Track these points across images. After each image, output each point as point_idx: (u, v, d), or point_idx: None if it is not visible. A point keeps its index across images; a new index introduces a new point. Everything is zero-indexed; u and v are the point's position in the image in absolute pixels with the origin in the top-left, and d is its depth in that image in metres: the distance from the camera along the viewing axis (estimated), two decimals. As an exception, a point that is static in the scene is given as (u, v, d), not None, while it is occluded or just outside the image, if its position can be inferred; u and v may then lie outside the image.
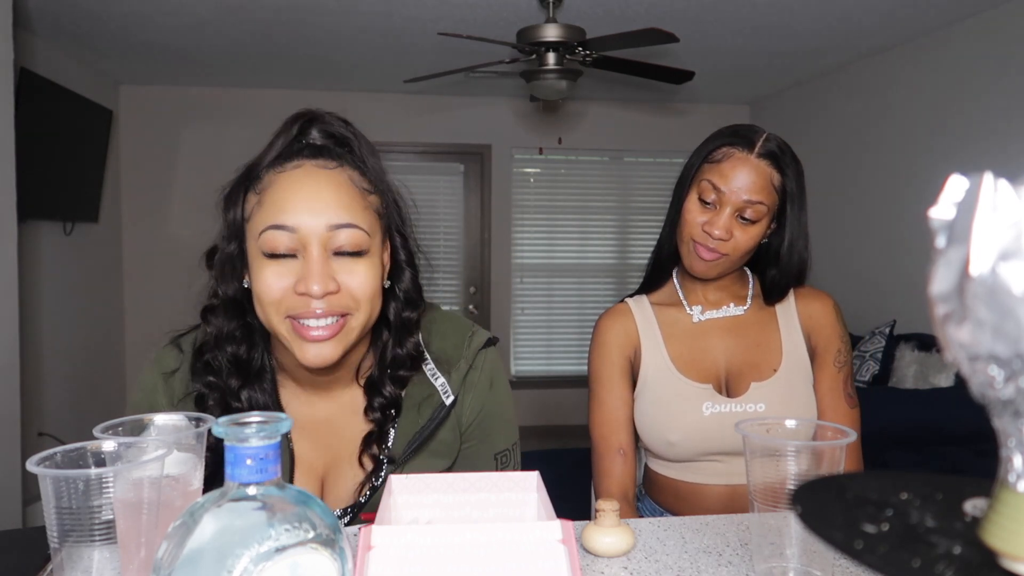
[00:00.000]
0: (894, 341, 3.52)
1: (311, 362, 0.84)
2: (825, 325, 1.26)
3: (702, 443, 1.21)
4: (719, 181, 1.17)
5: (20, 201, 2.76)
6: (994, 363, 0.35)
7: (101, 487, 0.58)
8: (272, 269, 0.83)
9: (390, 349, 0.94)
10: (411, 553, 0.57)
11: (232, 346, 0.90)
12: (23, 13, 3.26)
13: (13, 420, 2.75)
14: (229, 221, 0.89)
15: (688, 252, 1.22)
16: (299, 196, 0.83)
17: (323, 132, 0.90)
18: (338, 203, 0.83)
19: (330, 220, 0.82)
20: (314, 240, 0.82)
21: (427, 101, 5.06)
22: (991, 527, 0.38)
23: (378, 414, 0.93)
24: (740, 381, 1.24)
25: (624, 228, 5.50)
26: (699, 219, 1.19)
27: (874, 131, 4.12)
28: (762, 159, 1.17)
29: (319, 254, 0.82)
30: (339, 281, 0.83)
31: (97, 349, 4.46)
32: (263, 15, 3.40)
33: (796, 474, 0.69)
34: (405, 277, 0.94)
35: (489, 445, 1.02)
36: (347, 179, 0.86)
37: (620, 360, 1.28)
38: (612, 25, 3.41)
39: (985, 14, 3.33)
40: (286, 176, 0.85)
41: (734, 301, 1.29)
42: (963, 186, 0.36)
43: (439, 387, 0.96)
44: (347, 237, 0.83)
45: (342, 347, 0.85)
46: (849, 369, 1.26)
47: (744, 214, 1.17)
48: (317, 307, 0.82)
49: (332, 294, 0.82)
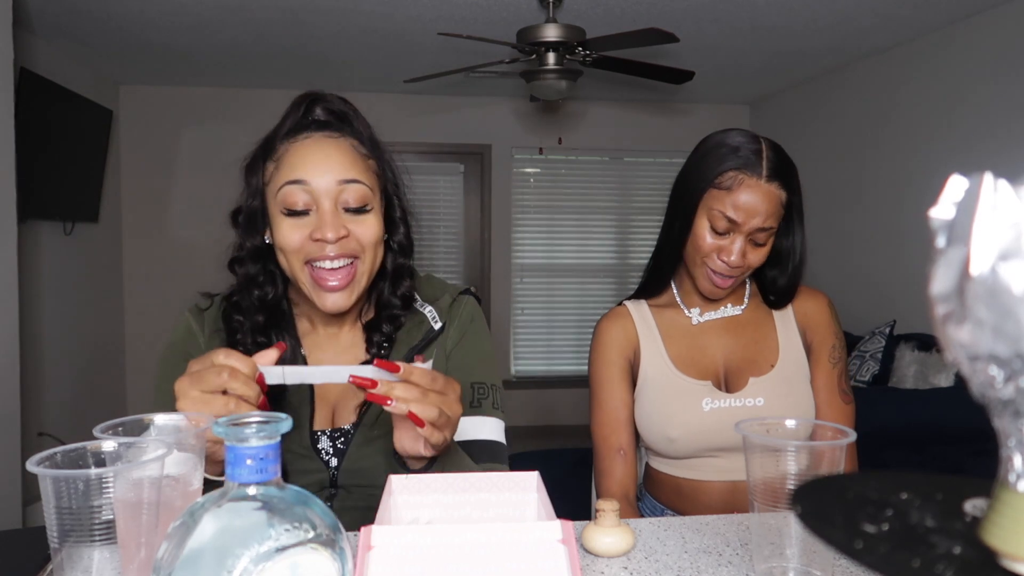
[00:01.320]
0: (894, 341, 3.52)
1: (329, 309, 0.98)
2: (820, 323, 1.28)
3: (702, 439, 1.22)
4: (733, 213, 1.16)
5: (20, 201, 2.76)
6: (994, 363, 0.35)
7: (101, 487, 0.58)
8: (290, 223, 0.97)
9: (386, 294, 1.08)
10: (411, 553, 0.57)
11: (257, 289, 1.05)
12: (23, 13, 3.26)
13: (13, 420, 2.75)
14: (251, 185, 1.03)
15: (703, 276, 1.23)
16: (311, 158, 0.97)
17: (326, 109, 1.03)
18: (344, 163, 0.98)
19: (338, 176, 0.96)
20: (325, 195, 0.96)
21: (427, 101, 5.06)
22: (991, 527, 0.38)
23: (376, 349, 1.07)
24: (739, 377, 1.25)
25: (624, 228, 5.50)
26: (711, 243, 1.19)
27: (874, 131, 4.12)
28: (771, 182, 1.16)
29: (330, 207, 0.96)
30: (347, 229, 0.97)
31: (97, 349, 4.46)
32: (263, 15, 3.40)
33: (796, 474, 0.69)
34: (400, 231, 1.08)
35: (467, 373, 1.07)
36: (350, 145, 1.00)
37: (620, 361, 1.29)
38: (612, 25, 3.41)
39: (985, 14, 3.33)
40: (299, 144, 0.99)
41: (731, 301, 1.30)
42: (963, 186, 0.36)
43: (428, 314, 1.10)
44: (353, 192, 0.97)
45: (354, 295, 1.00)
46: (844, 366, 1.27)
47: (757, 239, 1.19)
48: (331, 251, 0.96)
49: (343, 238, 0.96)
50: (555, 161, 5.42)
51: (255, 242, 1.03)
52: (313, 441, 1.03)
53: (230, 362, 0.77)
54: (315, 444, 1.03)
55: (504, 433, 1.08)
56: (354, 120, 1.04)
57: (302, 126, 1.01)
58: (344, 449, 1.03)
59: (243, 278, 1.05)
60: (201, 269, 4.98)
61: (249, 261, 1.05)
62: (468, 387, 1.07)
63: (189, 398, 0.76)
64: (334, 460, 1.03)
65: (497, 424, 1.07)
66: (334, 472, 1.03)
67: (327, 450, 1.03)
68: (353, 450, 1.02)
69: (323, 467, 1.02)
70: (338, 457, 1.03)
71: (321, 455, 1.03)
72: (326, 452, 1.03)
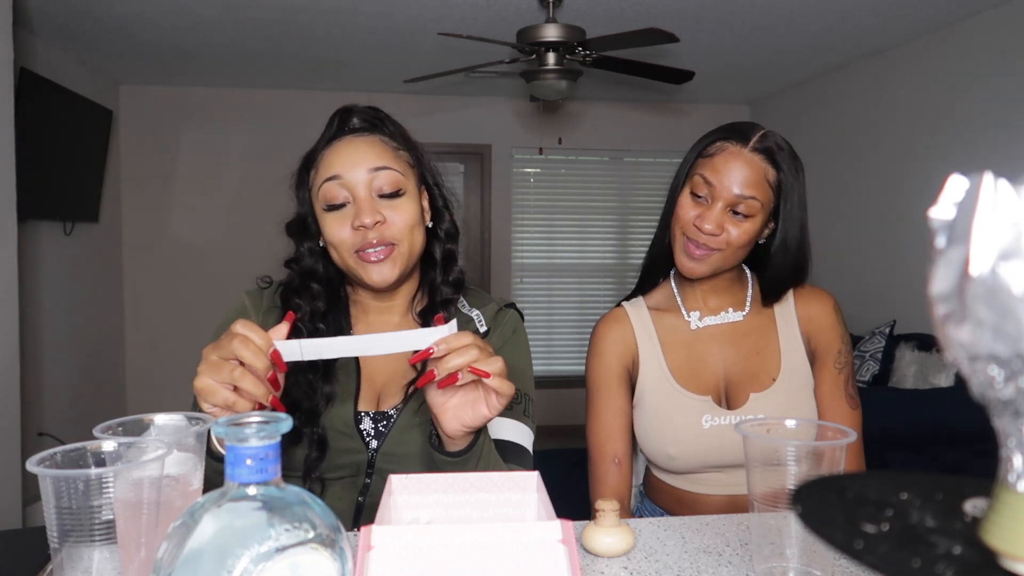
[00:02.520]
0: (894, 341, 3.52)
1: (375, 281, 1.03)
2: (825, 327, 1.23)
3: (702, 457, 1.20)
4: (711, 175, 1.15)
5: (20, 201, 2.76)
6: (994, 363, 0.35)
7: (101, 487, 0.58)
8: (332, 217, 1.04)
9: (438, 281, 1.13)
10: (411, 553, 0.57)
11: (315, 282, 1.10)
12: (23, 13, 3.26)
13: (13, 420, 2.75)
14: (300, 197, 1.10)
15: (678, 249, 1.20)
16: (343, 155, 1.05)
17: (359, 118, 1.10)
18: (374, 154, 1.04)
19: (369, 165, 1.03)
20: (359, 185, 1.02)
21: (427, 101, 5.06)
22: (991, 527, 0.38)
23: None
24: (739, 392, 1.22)
25: (624, 228, 5.49)
26: (691, 213, 1.17)
27: (874, 131, 4.12)
28: (756, 153, 1.15)
29: (365, 195, 1.02)
30: (384, 215, 1.02)
31: (97, 349, 4.46)
32: (263, 15, 3.40)
33: (796, 474, 0.69)
34: (445, 218, 1.14)
35: None
36: (380, 140, 1.08)
37: (618, 369, 1.26)
38: (612, 25, 3.41)
39: (985, 14, 3.33)
40: (333, 147, 1.07)
41: (733, 306, 1.26)
42: (963, 186, 0.36)
43: (474, 317, 1.14)
44: (385, 178, 1.03)
45: (398, 268, 1.04)
46: (850, 370, 1.24)
47: (737, 209, 1.15)
48: (372, 237, 1.02)
49: (380, 223, 1.02)
50: (555, 161, 5.41)
51: (310, 244, 1.10)
52: (356, 421, 1.06)
53: (243, 330, 0.80)
54: (358, 424, 1.06)
55: (531, 443, 1.09)
56: (386, 122, 1.11)
57: (337, 135, 1.09)
58: (386, 432, 1.05)
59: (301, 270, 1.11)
60: (201, 269, 4.99)
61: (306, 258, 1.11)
62: None
63: (207, 361, 0.80)
64: (374, 442, 1.05)
65: (525, 431, 1.09)
66: (373, 454, 1.05)
67: (369, 431, 1.06)
68: (395, 433, 1.05)
69: (363, 448, 1.05)
70: (379, 440, 1.05)
71: (363, 436, 1.05)
72: (367, 433, 1.06)
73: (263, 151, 4.85)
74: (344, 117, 1.10)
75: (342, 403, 1.06)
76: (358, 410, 1.07)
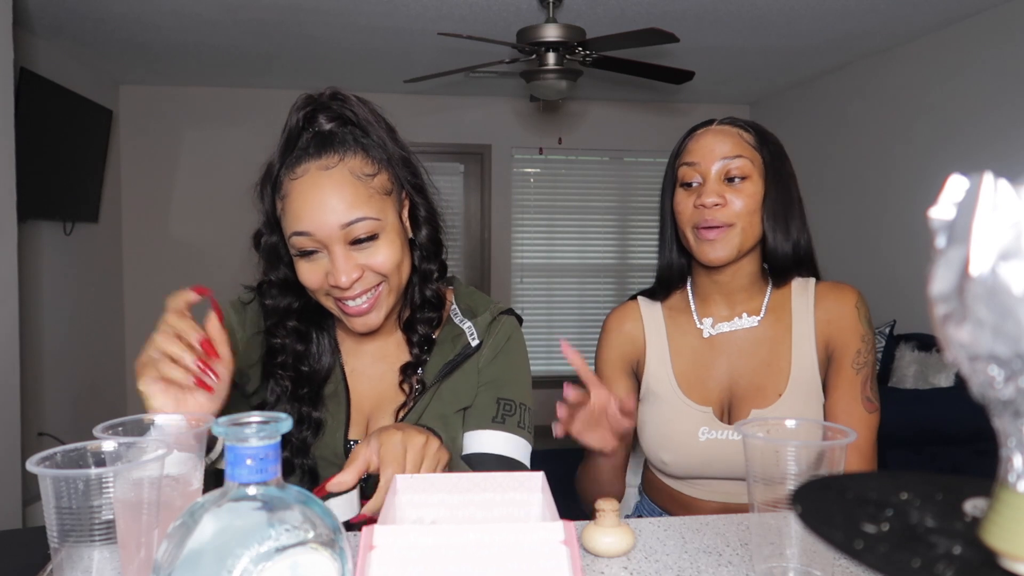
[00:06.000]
0: (894, 341, 3.52)
1: (359, 329, 1.00)
2: (844, 328, 1.17)
3: (696, 467, 1.19)
4: (691, 157, 1.18)
5: (20, 201, 2.76)
6: (994, 363, 0.35)
7: (101, 487, 0.57)
8: (306, 265, 0.96)
9: (417, 294, 1.08)
10: (412, 553, 0.57)
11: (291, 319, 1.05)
12: (23, 13, 3.26)
13: (13, 420, 2.75)
14: (266, 211, 1.01)
15: (695, 242, 1.18)
16: (310, 205, 0.94)
17: (327, 118, 0.98)
18: (343, 203, 0.93)
19: (340, 220, 0.93)
20: (331, 240, 0.93)
21: (427, 101, 5.06)
22: (991, 527, 0.38)
23: (416, 349, 1.08)
24: (742, 405, 1.19)
25: (624, 228, 5.49)
26: (689, 204, 1.18)
27: (874, 131, 4.12)
28: (725, 124, 1.19)
29: (339, 250, 0.94)
30: (362, 264, 0.95)
31: (97, 349, 4.46)
32: (263, 15, 3.40)
33: (796, 474, 0.69)
34: (422, 233, 1.06)
35: (495, 388, 1.07)
36: (348, 173, 0.95)
37: (622, 364, 1.27)
38: (612, 25, 3.41)
39: (985, 14, 3.33)
40: (297, 185, 0.95)
41: (747, 311, 1.23)
42: (963, 186, 0.36)
43: (466, 329, 1.09)
44: (362, 228, 0.94)
45: (383, 313, 0.99)
46: (869, 370, 1.17)
47: (730, 174, 1.15)
48: (349, 292, 0.95)
49: (358, 280, 0.95)
50: (555, 161, 5.41)
51: (279, 274, 1.04)
52: (346, 450, 1.02)
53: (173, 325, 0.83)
54: (347, 453, 1.02)
55: (528, 456, 1.06)
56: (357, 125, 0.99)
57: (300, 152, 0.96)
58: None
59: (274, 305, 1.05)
60: (201, 269, 4.99)
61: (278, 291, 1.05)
62: (494, 402, 1.06)
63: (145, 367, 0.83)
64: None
65: (519, 443, 1.05)
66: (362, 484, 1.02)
67: None
68: None
69: None
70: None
71: None
72: None
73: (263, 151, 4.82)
74: (310, 117, 0.98)
75: (332, 432, 1.03)
76: (348, 438, 1.03)
